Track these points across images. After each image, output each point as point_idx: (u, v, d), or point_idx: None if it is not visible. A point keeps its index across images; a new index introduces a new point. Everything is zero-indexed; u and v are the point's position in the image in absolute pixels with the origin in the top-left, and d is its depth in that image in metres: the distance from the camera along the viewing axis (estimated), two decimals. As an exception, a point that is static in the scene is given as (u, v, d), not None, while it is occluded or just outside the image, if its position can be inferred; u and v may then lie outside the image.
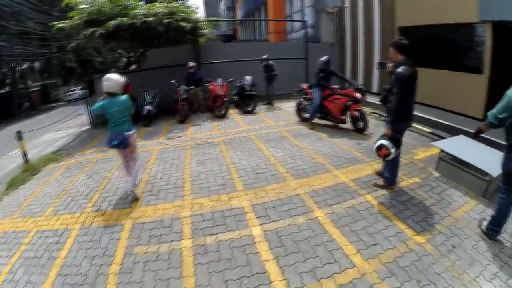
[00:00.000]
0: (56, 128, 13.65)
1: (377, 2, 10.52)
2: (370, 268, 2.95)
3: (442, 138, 5.99)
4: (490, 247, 3.20)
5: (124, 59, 16.20)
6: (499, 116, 2.95)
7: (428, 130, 6.79)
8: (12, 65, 27.36)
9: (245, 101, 10.36)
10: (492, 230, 3.30)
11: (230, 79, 10.44)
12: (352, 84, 7.51)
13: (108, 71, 20.69)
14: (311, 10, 18.01)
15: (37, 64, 31.19)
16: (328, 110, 7.64)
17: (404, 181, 4.66)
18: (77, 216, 4.56)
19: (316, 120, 8.01)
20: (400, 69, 3.78)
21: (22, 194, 5.99)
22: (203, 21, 12.17)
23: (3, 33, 20.04)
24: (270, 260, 3.14)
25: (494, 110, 3.01)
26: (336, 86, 7.64)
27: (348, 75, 12.74)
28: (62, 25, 10.68)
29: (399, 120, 3.93)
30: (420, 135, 6.75)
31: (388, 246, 3.23)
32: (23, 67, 29.88)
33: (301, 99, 8.55)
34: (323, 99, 7.63)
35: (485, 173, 4.08)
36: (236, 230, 3.68)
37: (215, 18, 17.72)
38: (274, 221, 3.79)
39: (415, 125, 6.88)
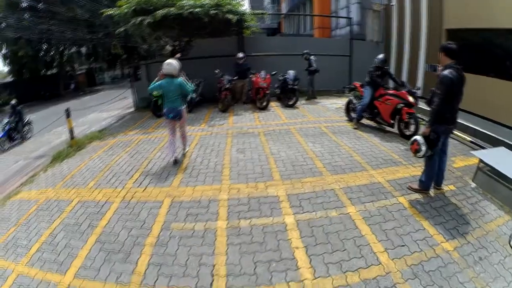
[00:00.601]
0: (101, 109, 14.39)
1: (425, 1, 10.21)
2: (395, 267, 3.01)
3: (483, 148, 5.85)
4: (517, 264, 3.16)
5: (169, 48, 16.70)
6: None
7: (469, 138, 6.60)
8: (61, 49, 28.89)
9: (287, 95, 10.45)
10: None
11: (274, 72, 10.54)
12: (406, 86, 7.07)
13: (152, 58, 21.42)
14: (357, 7, 17.65)
15: (84, 49, 32.79)
16: (378, 110, 7.32)
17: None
18: (118, 190, 4.98)
19: (364, 121, 7.84)
20: (445, 72, 3.82)
21: (66, 167, 6.57)
22: (248, 14, 12.36)
23: (54, 18, 21.17)
24: (299, 248, 3.30)
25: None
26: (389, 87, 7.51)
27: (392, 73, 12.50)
28: (111, 12, 11.21)
29: (438, 122, 3.96)
30: (460, 143, 6.58)
31: (415, 249, 3.26)
32: (71, 51, 31.57)
33: (352, 98, 8.23)
34: (374, 99, 7.37)
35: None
36: (270, 216, 3.87)
37: (260, 11, 17.80)
38: (307, 211, 3.94)
39: (456, 132, 6.72)
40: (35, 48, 26.28)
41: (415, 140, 4.11)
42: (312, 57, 10.89)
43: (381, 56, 7.70)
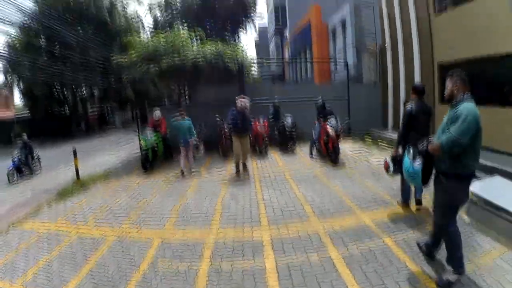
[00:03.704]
0: (109, 150, 14.87)
1: (416, 39, 10.63)
2: None
3: (477, 179, 5.85)
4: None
5: (176, 93, 17.52)
6: (461, 140, 2.91)
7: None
8: (74, 90, 30.28)
9: (286, 141, 10.77)
10: None
11: (271, 116, 11.02)
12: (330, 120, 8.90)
13: (161, 102, 22.23)
14: (353, 51, 18.47)
15: (96, 91, 34.23)
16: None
17: (429, 224, 4.43)
18: (114, 229, 5.38)
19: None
20: (408, 105, 4.91)
21: (70, 204, 7.07)
22: (249, 62, 13.02)
23: (69, 62, 22.50)
24: (275, 289, 3.43)
25: (454, 135, 2.93)
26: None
27: (390, 114, 12.84)
28: (121, 60, 12.01)
29: (399, 144, 4.90)
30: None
31: None
32: (83, 92, 33.15)
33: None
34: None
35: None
36: (251, 259, 4.01)
37: (260, 60, 18.64)
38: (289, 255, 4.05)
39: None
40: (49, 87, 27.71)
41: (385, 160, 4.94)
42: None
43: (319, 101, 9.88)
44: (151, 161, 9.55)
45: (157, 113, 10.30)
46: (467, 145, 2.93)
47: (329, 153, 8.90)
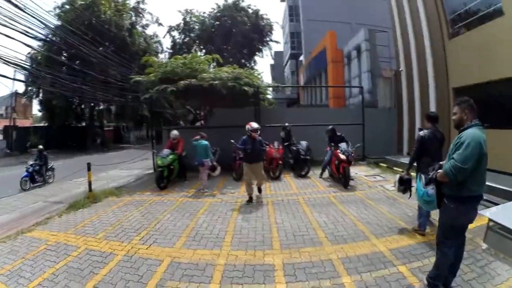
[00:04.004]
0: (122, 166, 15.01)
1: (431, 64, 10.62)
2: None
3: (496, 204, 5.64)
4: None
5: (192, 115, 17.79)
6: (466, 167, 2.95)
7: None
8: (92, 104, 31.08)
9: (300, 165, 10.73)
10: None
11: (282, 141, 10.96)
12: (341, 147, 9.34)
13: (177, 123, 22.50)
14: (368, 76, 18.55)
15: (113, 108, 35.15)
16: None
17: None
18: (124, 245, 5.31)
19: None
20: (421, 132, 5.28)
21: (80, 216, 7.07)
22: (265, 87, 13.15)
23: (89, 77, 23.20)
24: (285, 317, 3.31)
25: (458, 163, 2.98)
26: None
27: (405, 139, 12.81)
28: (139, 79, 12.28)
29: (410, 167, 5.41)
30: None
31: None
32: (101, 108, 34.21)
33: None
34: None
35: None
36: (262, 283, 3.92)
37: (276, 84, 18.87)
38: (300, 281, 3.95)
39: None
40: (68, 100, 28.61)
41: (395, 180, 5.43)
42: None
43: (329, 127, 10.08)
44: (165, 180, 9.64)
45: (174, 133, 10.48)
46: (472, 170, 2.97)
47: (340, 177, 9.08)
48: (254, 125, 7.86)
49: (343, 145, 9.43)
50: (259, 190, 8.24)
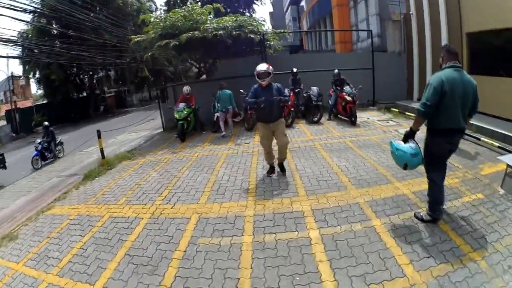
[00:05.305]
0: (130, 130, 14.96)
1: (443, 7, 10.03)
2: (420, 280, 2.96)
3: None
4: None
5: (195, 69, 17.35)
6: (428, 103, 3.41)
7: (498, 144, 6.45)
8: (91, 73, 30.50)
9: (312, 111, 10.57)
10: None
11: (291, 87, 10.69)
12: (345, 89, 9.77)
13: (179, 80, 22.10)
14: (377, 19, 17.61)
15: (112, 73, 34.54)
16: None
17: (467, 196, 4.50)
18: (147, 207, 5.27)
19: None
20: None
21: (98, 185, 7.00)
22: (270, 33, 12.60)
23: (85, 44, 22.52)
24: (323, 261, 3.35)
25: (422, 100, 3.49)
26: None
27: (416, 84, 12.43)
28: (138, 39, 11.80)
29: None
30: (488, 149, 6.43)
31: (441, 260, 3.20)
32: (100, 75, 33.60)
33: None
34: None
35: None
36: (294, 231, 3.96)
37: (281, 30, 18.10)
38: (332, 226, 3.99)
39: (483, 138, 6.64)
40: (66, 72, 28.25)
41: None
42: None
43: (335, 71, 10.38)
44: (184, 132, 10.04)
45: (187, 88, 10.64)
46: (436, 105, 3.42)
47: (348, 117, 9.75)
48: (260, 67, 5.66)
49: (347, 88, 9.80)
50: (282, 168, 6.05)
